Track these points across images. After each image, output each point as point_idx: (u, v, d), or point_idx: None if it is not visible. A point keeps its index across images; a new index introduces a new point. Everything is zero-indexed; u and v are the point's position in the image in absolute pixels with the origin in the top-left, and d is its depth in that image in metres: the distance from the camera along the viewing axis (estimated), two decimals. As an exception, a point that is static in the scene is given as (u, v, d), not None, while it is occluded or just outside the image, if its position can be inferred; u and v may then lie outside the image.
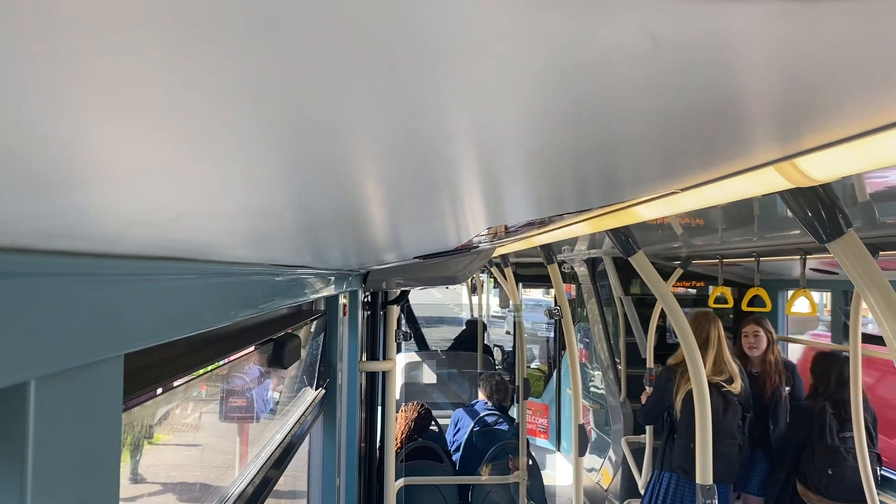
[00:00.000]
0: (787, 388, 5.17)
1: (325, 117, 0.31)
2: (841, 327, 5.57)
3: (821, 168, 1.08)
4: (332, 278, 2.07)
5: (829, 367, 4.75)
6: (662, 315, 5.93)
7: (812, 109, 0.63)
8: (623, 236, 2.59)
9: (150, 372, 0.99)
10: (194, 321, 0.85)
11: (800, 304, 4.47)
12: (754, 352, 5.11)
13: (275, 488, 1.98)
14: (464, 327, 9.97)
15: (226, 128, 0.28)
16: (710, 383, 4.49)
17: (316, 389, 2.55)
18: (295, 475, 2.84)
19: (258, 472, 1.75)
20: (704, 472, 2.77)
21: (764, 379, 5.11)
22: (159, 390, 0.99)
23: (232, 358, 1.38)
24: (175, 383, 1.06)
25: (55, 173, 0.25)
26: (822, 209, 1.36)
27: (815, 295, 4.82)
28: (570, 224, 2.17)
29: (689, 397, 4.62)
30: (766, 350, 5.12)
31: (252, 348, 1.52)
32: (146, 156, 0.26)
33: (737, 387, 4.57)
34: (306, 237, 0.83)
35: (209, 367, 1.27)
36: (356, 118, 0.33)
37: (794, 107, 0.61)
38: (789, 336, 6.36)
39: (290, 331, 1.82)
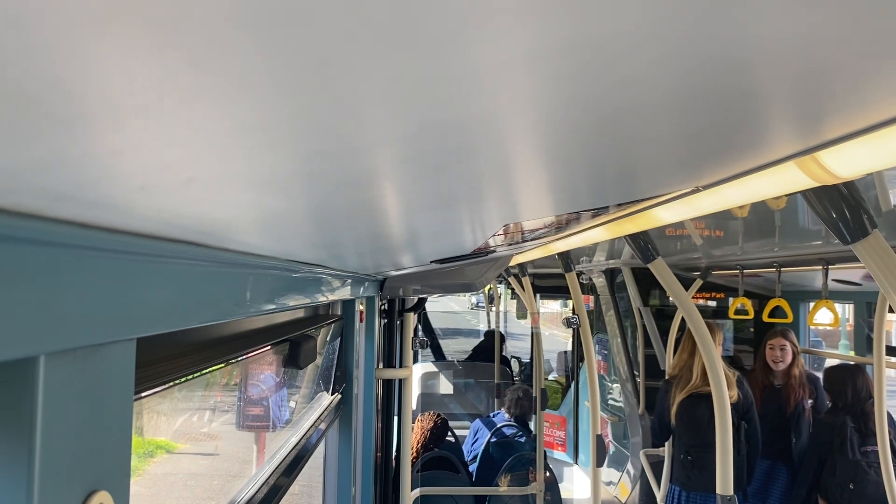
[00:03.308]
0: (810, 402, 5.10)
1: (341, 88, 0.31)
2: (864, 339, 5.49)
3: (844, 164, 1.06)
4: (349, 281, 2.07)
5: (844, 380, 4.68)
6: (681, 326, 5.87)
7: (833, 95, 0.62)
8: (642, 242, 2.57)
9: (164, 364, 0.98)
10: (209, 310, 0.84)
11: (822, 316, 4.41)
12: (779, 365, 5.07)
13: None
14: (482, 338, 9.96)
15: (235, 78, 0.28)
16: (700, 393, 4.45)
17: (332, 394, 2.54)
18: (310, 484, 2.84)
19: (269, 476, 1.74)
20: (725, 482, 2.73)
21: (787, 392, 5.05)
22: (173, 383, 0.99)
23: (248, 355, 1.38)
24: (190, 377, 1.05)
25: (55, 103, 0.25)
26: (847, 209, 1.33)
27: (837, 307, 4.75)
28: (588, 228, 2.16)
29: (681, 409, 4.58)
30: (790, 363, 5.06)
31: (268, 347, 1.51)
32: (151, 91, 0.26)
33: (732, 396, 4.51)
34: (320, 225, 0.83)
35: (225, 363, 1.26)
36: (374, 95, 0.33)
37: (814, 93, 0.59)
38: (811, 348, 6.28)
39: (305, 332, 1.82)
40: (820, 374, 5.32)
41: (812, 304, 4.62)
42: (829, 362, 5.79)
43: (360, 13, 0.24)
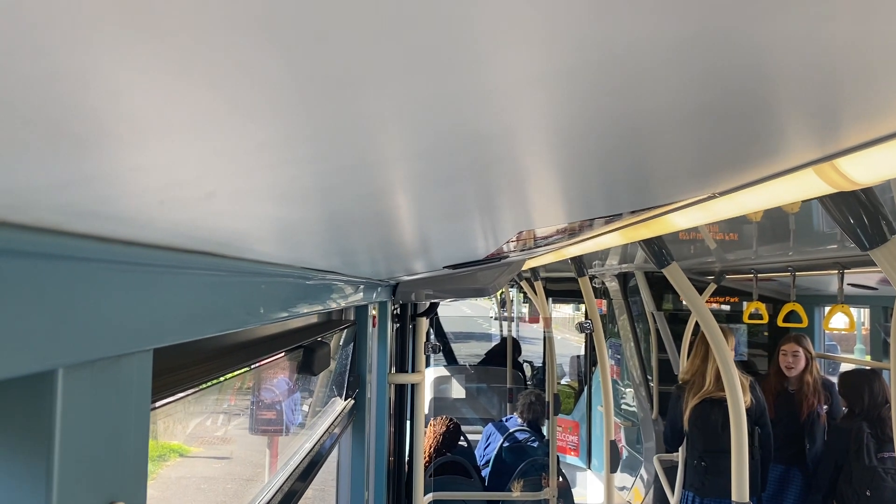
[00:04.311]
0: (825, 407, 5.06)
1: (361, 104, 0.31)
2: (880, 343, 5.44)
3: (863, 170, 1.05)
4: (362, 287, 2.07)
5: (860, 384, 4.63)
6: (695, 331, 5.84)
7: (851, 103, 0.61)
8: (656, 247, 2.55)
9: (180, 373, 0.99)
10: (225, 320, 0.84)
11: (837, 320, 4.37)
12: (792, 371, 5.03)
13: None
14: (496, 343, 9.94)
15: (258, 97, 0.28)
16: (714, 398, 4.42)
17: (345, 400, 2.54)
18: (324, 489, 2.84)
19: (284, 482, 1.74)
20: (741, 489, 2.70)
21: (801, 398, 5.01)
22: (190, 391, 0.99)
23: (263, 362, 1.38)
24: (206, 385, 1.05)
25: (78, 124, 0.25)
26: (865, 215, 1.32)
27: (853, 311, 4.71)
28: (602, 234, 2.15)
29: (694, 414, 4.56)
30: (804, 369, 5.02)
31: (282, 354, 1.51)
32: (173, 110, 0.26)
33: (745, 401, 4.46)
34: (335, 234, 0.83)
35: (240, 371, 1.26)
36: (393, 112, 0.33)
37: (831, 101, 0.59)
38: (826, 353, 6.22)
39: (319, 338, 1.82)
40: (835, 379, 5.27)
41: (827, 309, 4.58)
42: (845, 367, 5.74)
43: (379, 31, 0.24)
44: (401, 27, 0.24)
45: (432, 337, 9.10)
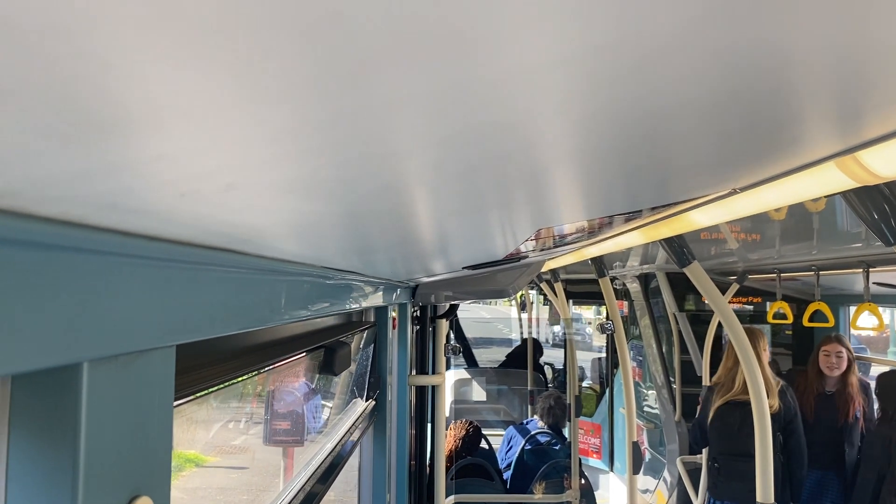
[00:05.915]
0: (862, 411, 4.97)
1: (379, 93, 0.31)
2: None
3: (887, 163, 1.03)
4: (381, 288, 2.07)
5: None
6: (717, 333, 5.79)
7: (873, 93, 0.61)
8: (677, 246, 2.53)
9: (203, 371, 1.00)
10: (247, 317, 0.85)
11: (865, 320, 4.30)
12: (834, 371, 4.93)
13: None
14: (518, 345, 9.92)
15: (277, 82, 0.28)
16: (737, 401, 4.36)
17: (366, 401, 2.55)
18: (345, 491, 2.84)
19: (305, 483, 1.75)
20: (765, 491, 2.67)
21: (844, 399, 4.90)
22: (211, 389, 1.00)
23: (284, 362, 1.39)
24: (228, 383, 1.06)
25: (103, 110, 0.25)
26: (889, 209, 1.30)
27: (880, 311, 4.63)
28: (622, 232, 2.14)
29: (716, 416, 4.52)
30: (846, 371, 4.92)
31: (303, 354, 1.52)
32: (194, 97, 0.26)
33: (772, 405, 4.40)
34: (354, 231, 0.83)
35: (261, 370, 1.27)
36: (411, 100, 0.33)
37: (853, 91, 0.58)
38: (859, 355, 6.13)
39: (340, 338, 1.83)
40: (868, 382, 5.18)
41: (853, 308, 4.51)
42: (875, 369, 5.65)
43: (397, 20, 0.25)
44: (420, 13, 0.25)
45: (452, 339, 9.11)
